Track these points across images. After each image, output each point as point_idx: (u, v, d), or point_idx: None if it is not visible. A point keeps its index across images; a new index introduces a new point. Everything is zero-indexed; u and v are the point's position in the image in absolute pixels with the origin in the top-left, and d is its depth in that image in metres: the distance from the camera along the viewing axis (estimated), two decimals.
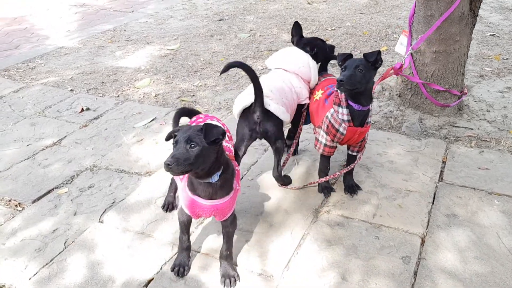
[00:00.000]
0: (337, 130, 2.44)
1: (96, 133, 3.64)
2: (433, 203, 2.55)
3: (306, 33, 2.92)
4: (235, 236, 2.20)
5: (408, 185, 2.70)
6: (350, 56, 2.39)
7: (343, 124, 2.41)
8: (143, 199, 2.75)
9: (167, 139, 1.91)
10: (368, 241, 2.32)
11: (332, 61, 3.33)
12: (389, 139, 3.20)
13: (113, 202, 2.77)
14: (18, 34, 6.50)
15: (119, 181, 2.98)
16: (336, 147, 2.60)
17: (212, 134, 1.77)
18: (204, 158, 1.79)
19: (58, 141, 3.54)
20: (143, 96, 4.30)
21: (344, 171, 2.65)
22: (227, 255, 2.15)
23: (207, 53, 5.30)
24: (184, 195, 2.05)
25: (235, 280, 2.12)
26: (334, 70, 4.43)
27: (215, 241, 2.38)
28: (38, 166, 3.19)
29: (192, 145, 1.75)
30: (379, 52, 2.32)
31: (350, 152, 2.66)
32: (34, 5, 8.02)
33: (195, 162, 1.76)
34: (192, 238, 2.35)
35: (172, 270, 2.18)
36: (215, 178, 1.91)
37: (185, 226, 2.15)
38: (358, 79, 2.27)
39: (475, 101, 3.73)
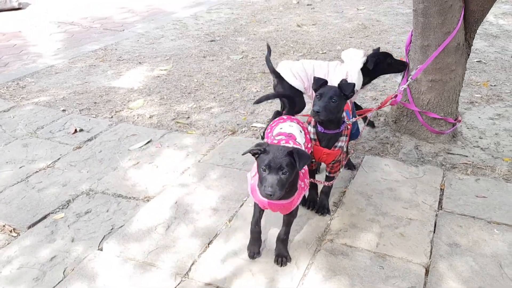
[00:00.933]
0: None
1: (90, 155, 3.59)
2: (434, 232, 2.57)
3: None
4: (238, 263, 2.18)
5: (408, 213, 2.72)
6: (325, 83, 2.53)
7: (311, 142, 2.61)
8: (143, 226, 2.71)
9: (245, 153, 2.10)
10: (373, 271, 2.32)
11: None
12: (387, 166, 3.23)
13: (112, 229, 2.72)
14: (6, 51, 6.42)
15: (117, 206, 2.93)
16: (314, 162, 2.76)
17: (304, 162, 2.01)
18: (291, 181, 2.07)
19: (52, 163, 3.48)
20: (138, 118, 4.27)
21: (324, 183, 2.74)
22: (284, 239, 2.38)
23: (200, 74, 5.31)
24: (255, 193, 2.26)
25: (287, 261, 2.37)
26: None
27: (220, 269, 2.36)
28: (32, 190, 3.12)
29: (284, 172, 1.99)
30: (353, 85, 2.48)
31: (326, 173, 2.80)
32: (23, 22, 7.95)
33: (286, 186, 2.03)
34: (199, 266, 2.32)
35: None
36: None
37: (257, 217, 2.38)
38: (332, 109, 2.44)
39: (468, 128, 3.80)
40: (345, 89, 2.46)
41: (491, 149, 3.47)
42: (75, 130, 3.99)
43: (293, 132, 2.42)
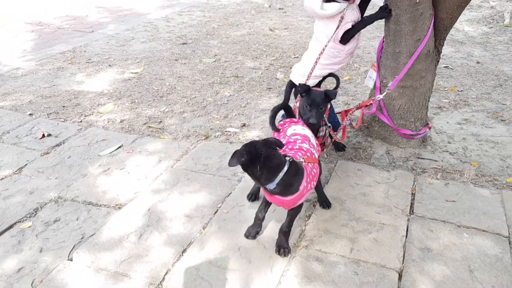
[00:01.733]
0: None
1: (59, 161, 3.49)
2: (406, 237, 2.61)
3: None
4: (213, 272, 2.15)
5: (381, 218, 2.76)
6: (310, 89, 2.82)
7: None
8: (115, 235, 2.65)
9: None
10: (347, 277, 2.33)
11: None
12: (360, 170, 3.26)
13: (82, 238, 2.64)
14: None
15: (87, 214, 2.86)
16: None
17: (232, 162, 2.15)
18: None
19: (18, 170, 3.36)
20: (108, 122, 4.19)
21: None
22: (285, 232, 2.49)
23: (172, 77, 5.25)
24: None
25: (288, 252, 2.48)
26: None
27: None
28: None
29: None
30: (337, 92, 2.85)
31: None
32: None
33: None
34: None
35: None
36: (271, 186, 2.23)
37: (264, 204, 2.57)
38: (321, 116, 2.81)
39: (437, 133, 3.88)
40: (331, 95, 2.80)
41: (459, 153, 3.56)
42: (43, 135, 3.87)
43: (307, 134, 2.61)
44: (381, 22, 3.40)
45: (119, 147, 3.72)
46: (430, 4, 3.08)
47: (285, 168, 2.20)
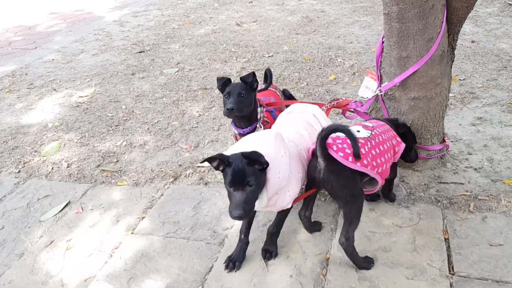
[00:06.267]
0: None
1: None
2: None
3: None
4: None
5: (415, 286, 2.07)
6: (229, 81, 2.56)
7: None
8: None
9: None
10: None
11: None
12: (373, 211, 2.58)
13: None
14: None
15: None
16: None
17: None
18: None
19: None
20: (52, 168, 3.40)
21: None
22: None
23: (129, 97, 4.45)
24: None
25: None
26: None
27: None
28: None
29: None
30: (253, 74, 2.49)
31: None
32: None
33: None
34: None
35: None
36: None
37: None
38: (244, 104, 2.48)
39: (452, 142, 3.22)
40: (246, 78, 2.48)
41: (486, 169, 2.90)
42: None
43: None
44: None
45: (66, 205, 2.95)
46: None
47: None
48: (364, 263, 2.19)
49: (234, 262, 2.26)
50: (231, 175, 1.89)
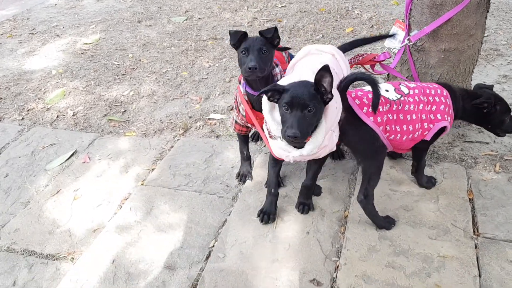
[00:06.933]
0: (239, 110, 2.30)
1: None
2: (480, 276, 1.85)
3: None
4: None
5: (439, 247, 1.98)
6: (245, 35, 2.08)
7: (242, 105, 2.24)
8: None
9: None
10: None
11: None
12: (393, 168, 2.46)
13: None
14: None
15: (28, 275, 2.03)
16: (248, 127, 2.37)
17: None
18: None
19: None
20: (57, 117, 3.27)
21: None
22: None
23: (135, 46, 4.27)
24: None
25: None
26: None
27: None
28: None
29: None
30: (275, 29, 2.06)
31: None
32: None
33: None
34: None
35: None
36: None
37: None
38: (266, 62, 2.04)
39: None
40: (266, 33, 2.03)
41: None
42: None
43: None
44: None
45: (72, 154, 2.85)
46: None
47: None
48: (384, 222, 2.09)
49: (268, 214, 2.18)
50: (290, 96, 1.72)
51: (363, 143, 2.01)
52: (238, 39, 2.07)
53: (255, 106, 2.18)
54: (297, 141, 1.75)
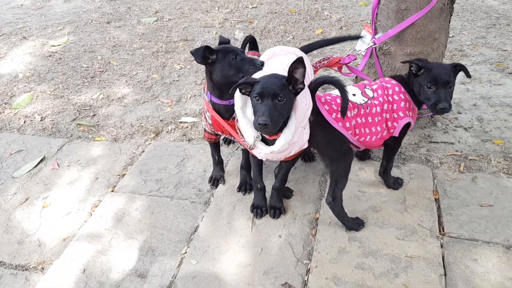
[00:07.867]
0: (206, 118, 2.29)
1: None
2: (445, 275, 1.91)
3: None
4: None
5: (406, 247, 2.04)
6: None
7: (208, 113, 2.23)
8: None
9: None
10: None
11: None
12: (363, 170, 2.51)
13: None
14: None
15: None
16: (217, 135, 2.35)
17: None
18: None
19: None
20: (24, 122, 3.20)
21: None
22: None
23: (105, 48, 4.21)
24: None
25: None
26: None
27: None
28: None
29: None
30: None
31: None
32: None
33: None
34: None
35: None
36: None
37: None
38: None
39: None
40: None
41: (476, 128, 2.85)
42: None
43: None
44: None
45: (41, 160, 2.80)
46: None
47: None
48: (353, 224, 2.14)
49: (261, 208, 2.26)
50: (261, 87, 1.74)
51: (331, 146, 2.04)
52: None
53: (224, 115, 2.18)
54: (268, 130, 1.75)
